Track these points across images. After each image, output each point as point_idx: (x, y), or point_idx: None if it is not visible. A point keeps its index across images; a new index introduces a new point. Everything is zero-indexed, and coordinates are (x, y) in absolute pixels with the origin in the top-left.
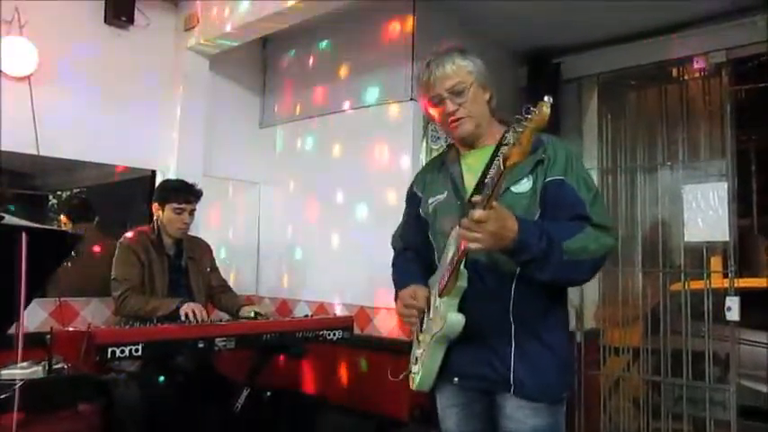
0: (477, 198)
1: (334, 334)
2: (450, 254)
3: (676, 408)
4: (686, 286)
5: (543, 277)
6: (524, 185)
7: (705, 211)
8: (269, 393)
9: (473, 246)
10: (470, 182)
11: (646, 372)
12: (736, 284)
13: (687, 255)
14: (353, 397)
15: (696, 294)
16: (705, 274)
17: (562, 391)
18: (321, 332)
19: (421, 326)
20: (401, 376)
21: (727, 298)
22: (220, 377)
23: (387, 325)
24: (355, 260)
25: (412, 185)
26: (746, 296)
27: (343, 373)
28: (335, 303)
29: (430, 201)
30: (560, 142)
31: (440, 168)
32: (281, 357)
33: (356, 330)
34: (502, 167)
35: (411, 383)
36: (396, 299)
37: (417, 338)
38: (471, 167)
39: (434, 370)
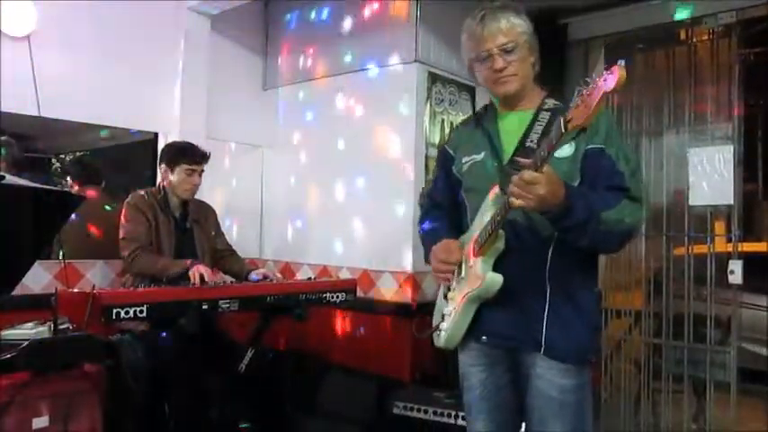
0: (526, 161)
1: (337, 296)
2: (490, 214)
3: (677, 369)
4: (690, 250)
5: (579, 244)
6: (566, 151)
7: (710, 175)
8: (272, 354)
9: (518, 203)
10: (509, 143)
11: (647, 334)
12: (739, 249)
13: (691, 219)
14: (356, 358)
15: (699, 258)
16: (709, 238)
17: (591, 353)
18: (324, 295)
19: (451, 283)
20: (426, 333)
21: (731, 261)
22: (225, 338)
23: (389, 288)
24: (358, 224)
25: (444, 145)
26: (750, 260)
27: (346, 335)
28: (339, 266)
29: (464, 160)
30: (603, 110)
31: (475, 127)
32: (285, 319)
33: (359, 293)
34: (563, 129)
35: (436, 340)
36: (426, 258)
37: (445, 296)
38: (509, 128)
39: (464, 328)
